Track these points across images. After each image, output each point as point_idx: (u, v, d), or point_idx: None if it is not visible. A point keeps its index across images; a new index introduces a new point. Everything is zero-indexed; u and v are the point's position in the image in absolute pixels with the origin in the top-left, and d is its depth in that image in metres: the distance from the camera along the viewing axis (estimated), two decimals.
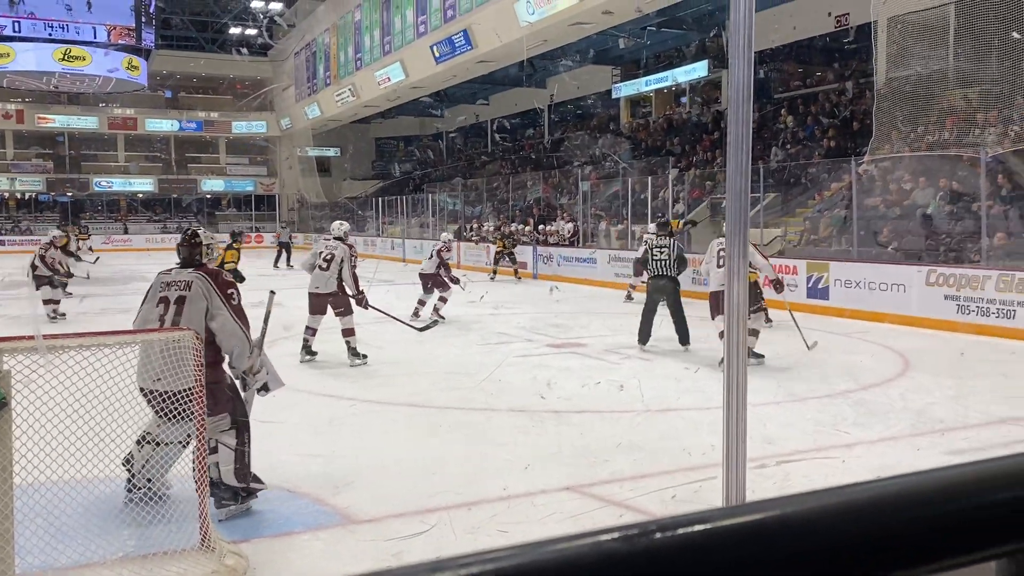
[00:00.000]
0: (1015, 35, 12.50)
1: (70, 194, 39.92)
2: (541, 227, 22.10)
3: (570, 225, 21.09)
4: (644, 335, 9.18)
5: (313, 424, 6.15)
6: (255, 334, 4.38)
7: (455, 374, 7.94)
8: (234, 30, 38.83)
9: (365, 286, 8.90)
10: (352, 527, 4.13)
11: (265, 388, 4.34)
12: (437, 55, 25.26)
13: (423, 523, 4.08)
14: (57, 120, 39.05)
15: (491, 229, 24.19)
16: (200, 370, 3.64)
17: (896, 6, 14.47)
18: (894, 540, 0.59)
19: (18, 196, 39.31)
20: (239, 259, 13.68)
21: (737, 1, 3.30)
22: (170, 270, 4.42)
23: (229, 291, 4.25)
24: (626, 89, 26.38)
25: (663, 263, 9.05)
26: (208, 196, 42.82)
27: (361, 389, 7.33)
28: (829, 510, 0.58)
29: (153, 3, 30.30)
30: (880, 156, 14.23)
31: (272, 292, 4.67)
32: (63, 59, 29.18)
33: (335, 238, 8.93)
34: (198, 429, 3.64)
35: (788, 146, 18.84)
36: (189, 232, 4.53)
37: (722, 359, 7.72)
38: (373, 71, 29.81)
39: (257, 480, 4.27)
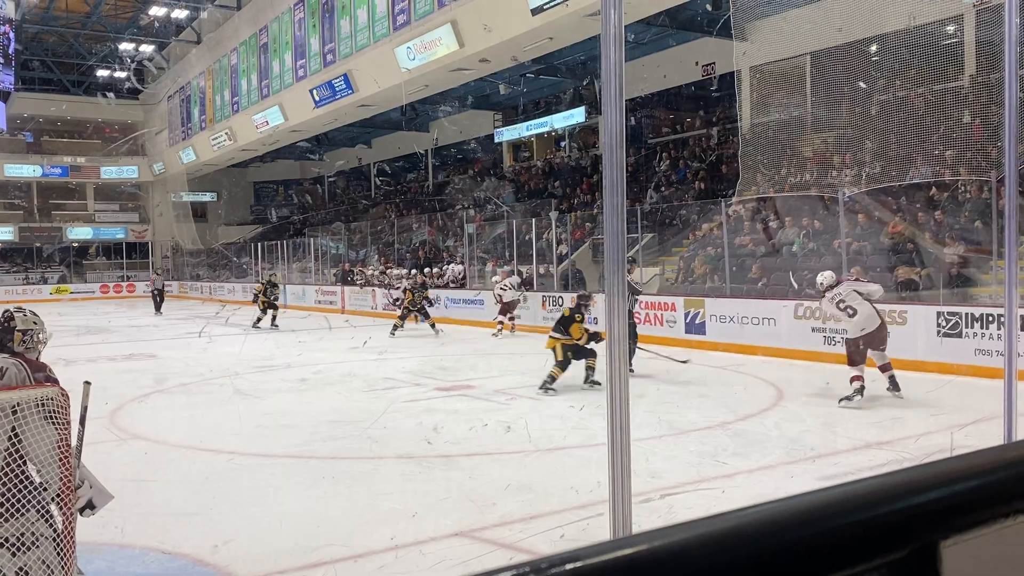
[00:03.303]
0: (861, 84, 13.50)
1: None
2: (428, 269, 22.07)
3: (459, 267, 21.15)
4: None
5: (190, 481, 5.87)
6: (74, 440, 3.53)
7: (339, 423, 7.76)
8: (102, 72, 37.39)
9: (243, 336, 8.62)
10: None
11: (90, 506, 3.49)
12: (317, 99, 25.07)
13: None
14: None
15: (376, 273, 23.99)
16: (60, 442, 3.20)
17: (757, 57, 15.39)
18: (759, 566, 0.61)
19: None
20: None
21: (608, 51, 3.43)
22: None
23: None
24: (507, 134, 26.89)
25: None
26: (75, 245, 40.65)
27: (240, 442, 7.06)
28: (697, 541, 0.60)
29: (12, 44, 28.82)
30: (747, 197, 14.99)
31: (87, 383, 3.74)
32: None
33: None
34: (63, 523, 3.19)
35: (662, 188, 19.59)
36: (4, 315, 3.71)
37: (846, 397, 7.84)
38: (251, 115, 29.28)
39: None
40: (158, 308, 25.08)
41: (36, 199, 40.44)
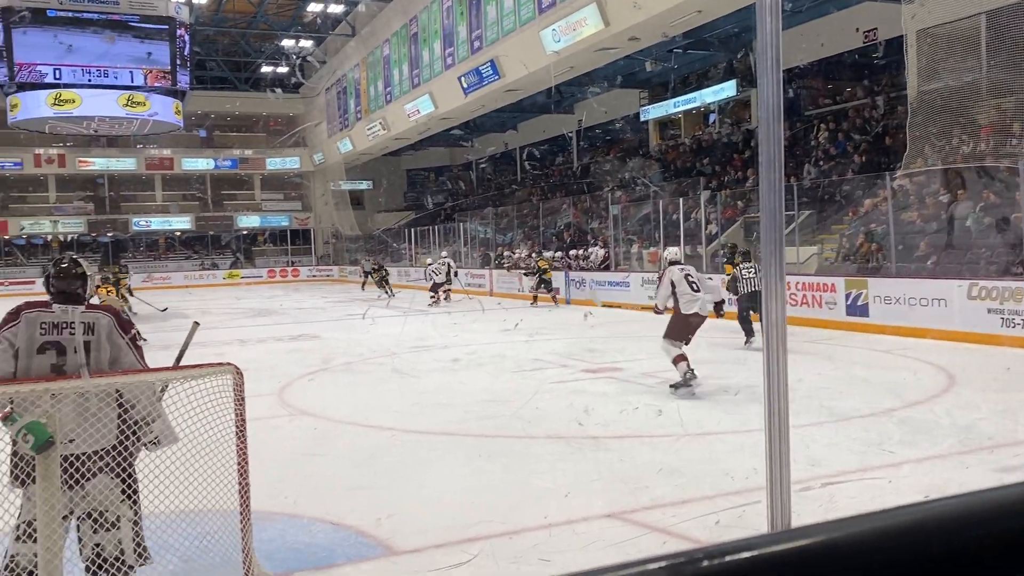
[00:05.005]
0: None
1: (111, 234, 40.79)
2: (572, 252, 22.13)
3: (602, 251, 21.08)
4: (748, 333, 11.05)
5: (354, 456, 6.17)
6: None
7: (491, 402, 7.94)
8: (266, 69, 39.64)
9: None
10: (394, 558, 4.13)
11: (156, 442, 3.48)
12: (465, 86, 25.53)
13: (465, 553, 4.07)
14: (97, 163, 40.05)
15: (523, 255, 24.27)
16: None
17: (926, 19, 14.36)
18: (944, 564, 0.59)
19: (61, 238, 40.25)
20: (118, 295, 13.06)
21: (764, 20, 3.31)
22: (43, 308, 3.41)
23: (133, 331, 3.58)
24: (654, 112, 26.41)
25: (751, 280, 10.93)
26: (244, 232, 43.54)
27: (400, 419, 7.36)
28: (876, 534, 0.58)
29: (188, 46, 31.02)
30: (914, 170, 14.07)
31: (196, 323, 3.85)
32: (127, 104, 30.34)
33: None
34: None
35: (821, 163, 18.70)
36: (69, 261, 3.59)
37: (674, 384, 7.82)
38: (403, 104, 30.21)
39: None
40: (370, 286, 27.13)
41: (209, 190, 43.51)
